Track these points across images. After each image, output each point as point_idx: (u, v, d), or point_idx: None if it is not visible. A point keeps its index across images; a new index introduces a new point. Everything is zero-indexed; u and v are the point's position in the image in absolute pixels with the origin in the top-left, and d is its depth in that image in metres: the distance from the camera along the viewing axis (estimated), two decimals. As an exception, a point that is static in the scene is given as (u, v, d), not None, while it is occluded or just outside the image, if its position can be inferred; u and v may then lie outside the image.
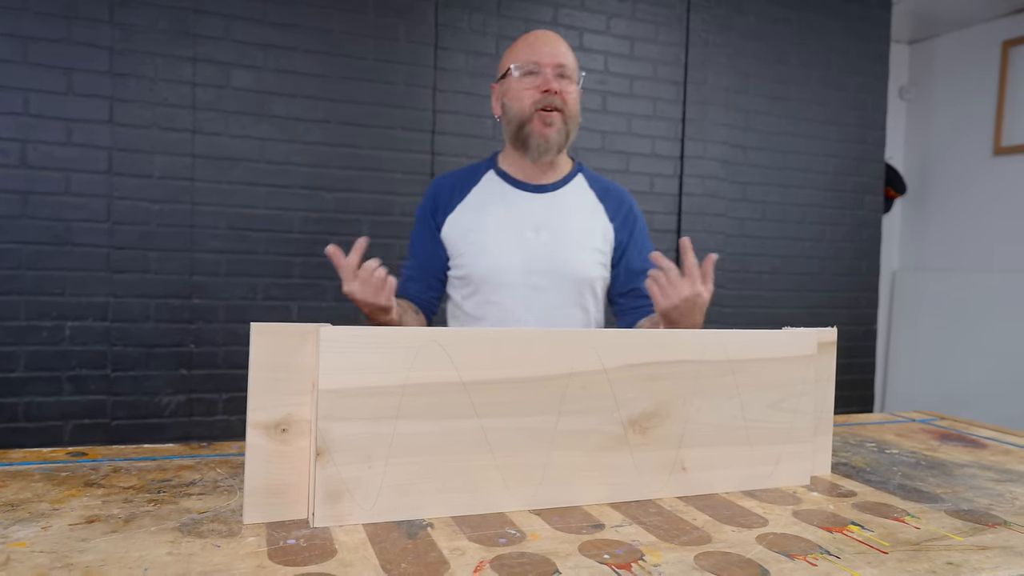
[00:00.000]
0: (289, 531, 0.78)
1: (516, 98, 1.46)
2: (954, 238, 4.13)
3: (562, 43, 1.50)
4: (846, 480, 1.06)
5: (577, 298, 1.51)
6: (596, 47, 2.96)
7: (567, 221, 1.51)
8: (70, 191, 2.30)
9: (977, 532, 0.85)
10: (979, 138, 4.00)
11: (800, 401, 1.03)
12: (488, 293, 1.47)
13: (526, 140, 1.47)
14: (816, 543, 0.80)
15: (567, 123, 1.47)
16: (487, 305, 1.48)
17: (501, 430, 0.86)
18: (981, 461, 1.20)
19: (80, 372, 2.33)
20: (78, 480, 0.93)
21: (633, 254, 1.57)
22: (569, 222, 1.51)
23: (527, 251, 1.47)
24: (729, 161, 3.20)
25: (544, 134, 1.45)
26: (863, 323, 3.52)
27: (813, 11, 3.31)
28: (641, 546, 0.77)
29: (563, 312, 1.50)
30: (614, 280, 1.58)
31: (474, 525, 0.81)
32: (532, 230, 1.48)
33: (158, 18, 2.36)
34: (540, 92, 1.44)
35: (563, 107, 1.45)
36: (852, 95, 3.42)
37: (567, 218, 1.51)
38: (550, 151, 1.47)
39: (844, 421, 1.51)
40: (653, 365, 0.93)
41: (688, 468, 0.96)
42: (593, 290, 1.53)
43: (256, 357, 0.80)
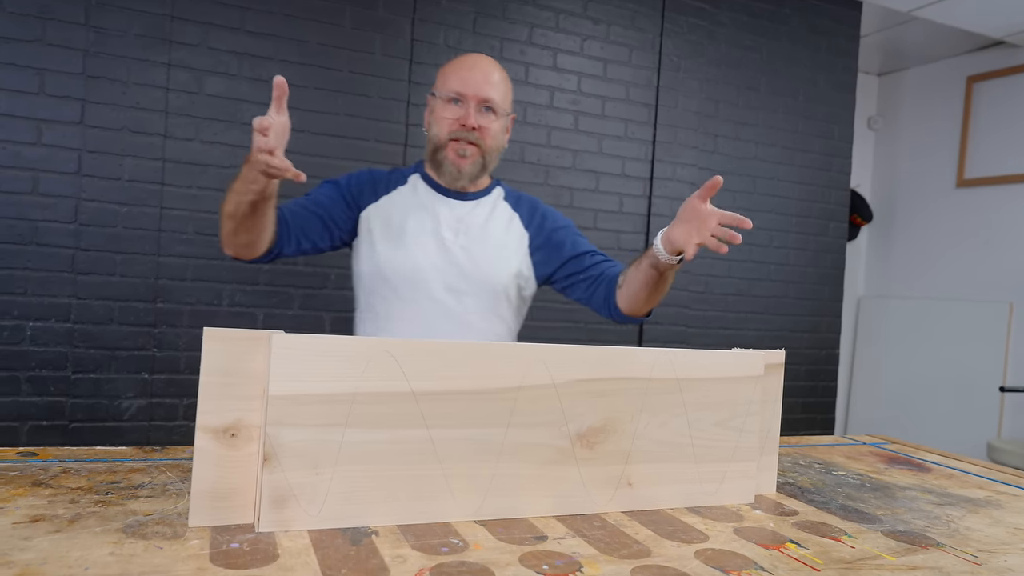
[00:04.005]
0: (233, 535, 0.78)
1: (436, 122, 1.48)
2: (917, 266, 4.23)
3: (496, 73, 1.49)
4: (790, 499, 1.09)
5: (493, 304, 1.51)
6: (570, 68, 3.00)
7: (485, 228, 1.51)
8: (38, 191, 2.28)
9: (910, 553, 0.88)
10: (943, 170, 4.11)
11: (747, 420, 1.06)
12: (405, 292, 1.46)
13: (440, 164, 1.48)
14: (752, 559, 0.82)
15: (484, 156, 1.48)
16: (404, 304, 1.46)
17: (449, 441, 0.87)
18: (924, 484, 1.23)
19: (40, 373, 2.30)
20: (26, 480, 0.93)
21: (568, 243, 1.55)
22: (486, 230, 1.51)
23: (443, 252, 1.47)
24: (698, 183, 3.25)
25: (458, 164, 1.46)
26: (825, 347, 3.58)
27: (783, 40, 3.40)
28: (581, 558, 0.79)
29: (478, 317, 1.49)
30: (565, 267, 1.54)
31: (419, 534, 0.82)
32: (450, 232, 1.48)
33: (134, 22, 2.36)
34: (459, 124, 1.44)
35: (480, 142, 1.46)
36: (819, 124, 3.50)
37: (485, 226, 1.52)
38: (462, 179, 1.48)
39: (796, 442, 1.54)
40: (602, 381, 0.95)
41: (634, 483, 0.98)
42: (508, 298, 1.53)
43: (208, 362, 0.81)
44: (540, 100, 2.96)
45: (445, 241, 1.48)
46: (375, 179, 1.55)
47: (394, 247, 1.46)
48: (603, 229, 3.08)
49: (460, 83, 1.45)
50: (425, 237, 1.47)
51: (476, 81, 1.45)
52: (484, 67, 1.48)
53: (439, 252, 1.47)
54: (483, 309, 1.50)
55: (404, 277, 1.45)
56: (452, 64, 1.50)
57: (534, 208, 1.60)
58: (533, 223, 1.57)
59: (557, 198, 2.98)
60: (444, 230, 1.49)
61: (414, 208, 1.50)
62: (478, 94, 1.44)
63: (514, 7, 2.90)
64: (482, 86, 1.45)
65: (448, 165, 1.47)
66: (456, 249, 1.48)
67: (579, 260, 1.54)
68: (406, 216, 1.49)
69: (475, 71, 1.46)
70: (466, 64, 1.48)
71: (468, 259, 1.48)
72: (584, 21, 3.02)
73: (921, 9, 3.34)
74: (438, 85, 1.49)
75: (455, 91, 1.45)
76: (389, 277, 1.46)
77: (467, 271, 1.47)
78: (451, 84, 1.46)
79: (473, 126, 1.44)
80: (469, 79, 1.45)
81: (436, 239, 1.48)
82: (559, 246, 1.55)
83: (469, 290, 1.47)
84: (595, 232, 3.06)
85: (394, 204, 1.51)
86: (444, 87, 1.47)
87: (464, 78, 1.45)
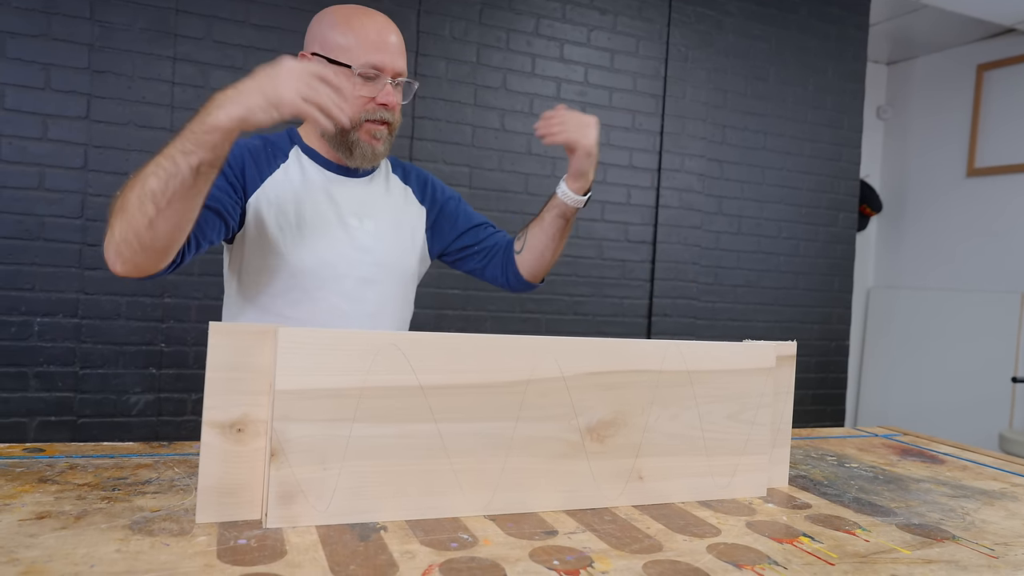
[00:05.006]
0: (241, 531, 0.78)
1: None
2: (927, 257, 4.20)
3: (400, 40, 1.31)
4: (803, 492, 1.08)
5: (403, 290, 1.42)
6: (577, 59, 2.98)
7: (386, 209, 1.40)
8: (44, 186, 2.28)
9: (925, 546, 0.86)
10: (953, 159, 4.08)
11: (758, 413, 1.04)
12: (311, 289, 1.30)
13: (351, 147, 1.30)
14: (765, 553, 0.81)
15: (392, 133, 1.34)
16: (308, 303, 1.30)
17: (458, 435, 0.86)
18: (938, 476, 1.22)
19: (48, 368, 2.30)
20: (32, 476, 0.93)
21: (461, 217, 1.50)
22: (388, 209, 1.40)
23: (353, 242, 1.33)
24: (706, 175, 3.23)
25: (373, 145, 1.30)
26: (835, 338, 3.56)
27: (792, 30, 3.36)
28: (592, 553, 0.78)
29: (391, 305, 1.40)
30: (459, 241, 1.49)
31: (428, 529, 0.82)
32: (355, 218, 1.34)
33: (139, 16, 2.36)
34: (377, 104, 1.27)
35: (392, 119, 1.31)
36: (828, 113, 3.47)
37: (385, 205, 1.40)
38: (375, 161, 1.33)
39: (807, 434, 1.53)
40: (612, 374, 0.94)
41: (645, 477, 0.97)
42: (414, 280, 1.47)
43: (214, 357, 0.80)
44: (547, 91, 2.94)
45: (352, 228, 1.33)
46: (254, 155, 1.31)
47: (294, 240, 1.29)
48: (611, 221, 3.06)
49: (380, 55, 1.25)
50: (329, 227, 1.31)
51: (391, 52, 1.27)
52: (393, 30, 1.29)
53: (348, 242, 1.33)
54: (395, 296, 1.40)
55: (309, 273, 1.29)
56: (358, 24, 1.27)
57: (424, 180, 1.49)
58: (427, 197, 1.48)
59: (564, 190, 2.97)
60: (348, 216, 1.34)
61: (307, 191, 1.32)
62: (395, 67, 1.27)
63: (520, -2, 2.88)
64: (397, 58, 1.27)
65: (362, 147, 1.29)
66: (365, 236, 1.34)
67: (474, 232, 1.49)
68: (300, 202, 1.31)
69: (386, 38, 1.27)
70: (377, 28, 1.27)
71: (379, 245, 1.36)
72: (591, 11, 2.99)
73: (932, -4, 3.30)
74: (340, 52, 1.25)
75: (373, 66, 1.25)
76: (292, 273, 1.29)
77: (380, 258, 1.36)
78: (366, 57, 1.24)
79: (393, 105, 1.29)
80: (387, 50, 1.26)
81: (342, 227, 1.33)
82: (453, 218, 1.48)
83: (382, 278, 1.37)
84: (603, 224, 3.04)
85: (282, 187, 1.30)
86: (356, 60, 1.24)
87: (383, 50, 1.26)
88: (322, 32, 1.28)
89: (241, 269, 1.32)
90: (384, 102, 1.27)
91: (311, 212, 1.31)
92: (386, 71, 1.26)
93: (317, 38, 1.29)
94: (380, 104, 1.27)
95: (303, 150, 1.36)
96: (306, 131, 1.38)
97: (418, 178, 1.49)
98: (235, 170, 1.26)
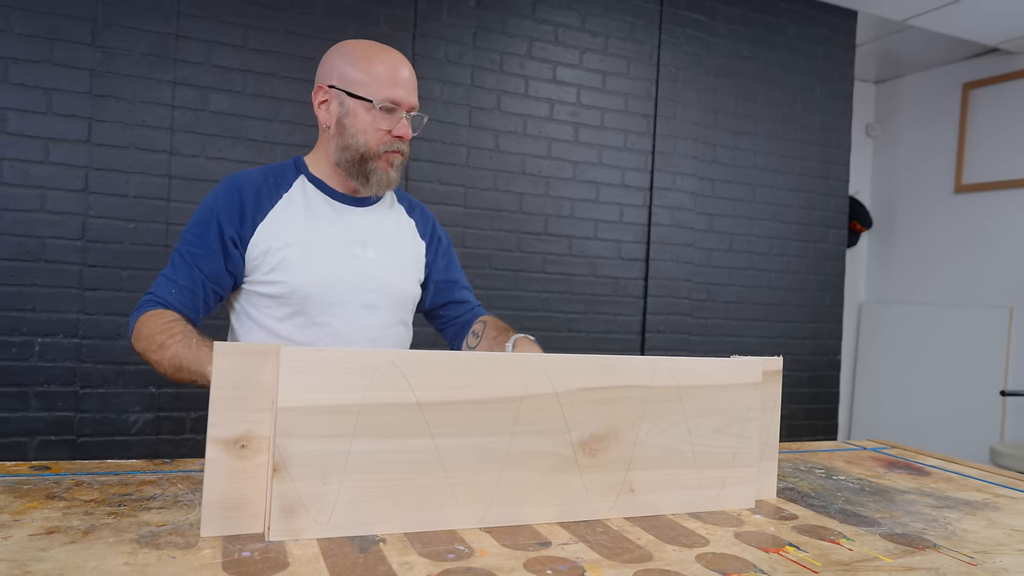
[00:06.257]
0: (244, 544, 0.80)
1: (365, 131, 1.35)
2: (917, 272, 4.25)
3: (413, 73, 1.39)
4: (790, 504, 1.10)
5: (402, 315, 1.48)
6: (569, 80, 3.04)
7: (389, 238, 1.46)
8: (45, 208, 2.31)
9: (907, 554, 0.89)
10: (941, 176, 4.14)
11: (745, 427, 1.08)
12: (314, 315, 1.35)
13: (368, 175, 1.37)
14: (752, 562, 0.84)
15: (404, 160, 1.42)
16: (312, 327, 1.36)
17: (455, 449, 0.89)
18: (923, 488, 1.25)
19: (48, 388, 2.32)
20: (40, 493, 0.95)
21: (442, 266, 1.57)
22: (391, 239, 1.47)
23: (357, 269, 1.39)
24: (697, 193, 3.28)
25: (388, 173, 1.38)
26: (827, 353, 3.59)
27: (780, 50, 3.43)
28: (584, 563, 0.81)
29: (391, 331, 1.45)
30: (431, 295, 1.57)
31: (425, 541, 0.84)
32: (359, 246, 1.41)
33: (139, 42, 2.40)
34: (393, 136, 1.35)
35: (406, 150, 1.40)
36: (817, 132, 3.53)
37: (389, 234, 1.47)
38: (389, 187, 1.41)
39: (797, 448, 1.56)
40: (603, 389, 0.97)
41: (636, 490, 1.00)
42: (413, 305, 1.53)
43: (218, 375, 0.83)
44: (540, 112, 2.99)
45: (356, 256, 1.40)
46: (253, 189, 1.36)
47: (299, 267, 1.34)
48: (604, 239, 3.10)
49: (396, 90, 1.34)
50: (334, 254, 1.37)
51: (408, 88, 1.36)
52: (406, 66, 1.37)
53: (351, 269, 1.38)
54: (394, 321, 1.46)
55: (314, 298, 1.34)
56: (375, 60, 1.35)
57: (427, 217, 1.58)
58: (427, 233, 1.55)
59: (558, 209, 3.01)
60: (352, 244, 1.40)
61: (312, 219, 1.38)
62: (410, 102, 1.36)
63: (513, 21, 2.93)
64: (412, 93, 1.36)
65: (380, 174, 1.37)
66: (368, 264, 1.40)
67: (449, 289, 1.59)
68: (305, 231, 1.36)
69: (405, 74, 1.36)
70: (395, 65, 1.35)
71: (382, 272, 1.42)
72: (583, 34, 3.05)
73: (916, 18, 3.37)
74: (360, 87, 1.34)
75: (391, 100, 1.33)
76: (296, 299, 1.34)
77: (382, 285, 1.42)
78: (385, 91, 1.33)
79: (409, 137, 1.38)
80: (403, 85, 1.35)
81: (347, 255, 1.39)
82: (441, 265, 1.57)
83: (384, 304, 1.43)
84: (596, 242, 3.08)
85: (285, 217, 1.37)
86: (377, 93, 1.33)
87: (399, 85, 1.34)
88: (340, 66, 1.36)
89: (248, 294, 1.38)
90: (400, 135, 1.35)
91: (315, 240, 1.36)
92: (402, 105, 1.35)
93: (335, 72, 1.36)
94: (396, 136, 1.35)
95: (309, 179, 1.42)
96: (313, 160, 1.44)
97: (422, 214, 1.57)
98: (228, 229, 1.33)
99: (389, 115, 1.34)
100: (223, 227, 1.32)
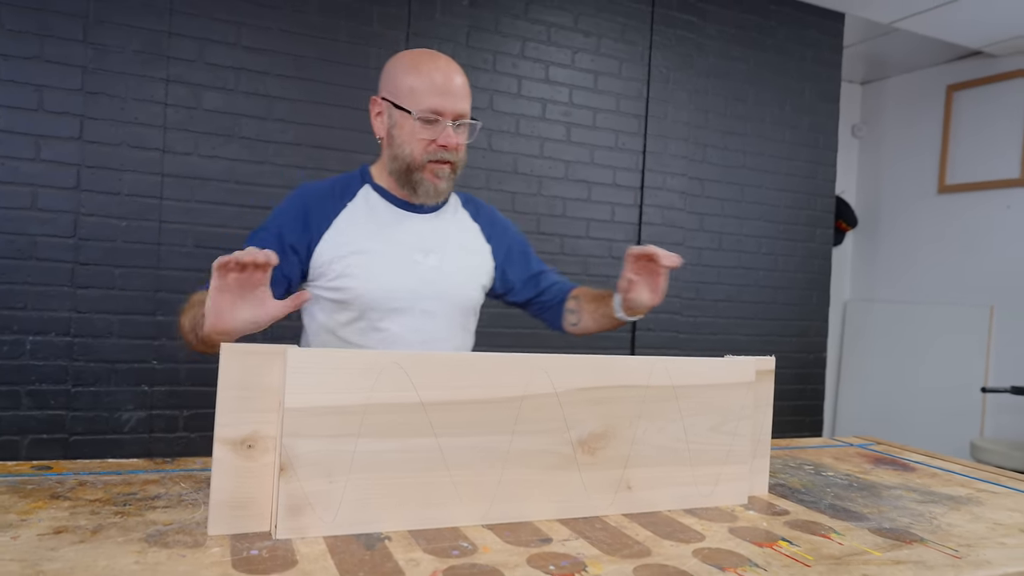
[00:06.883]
0: (252, 542, 0.82)
1: (409, 141, 1.36)
2: (902, 270, 4.31)
3: (460, 77, 1.37)
4: (781, 500, 1.13)
5: (463, 321, 1.49)
6: (561, 80, 3.06)
7: (451, 244, 1.47)
8: (36, 206, 2.31)
9: (895, 548, 0.92)
10: (925, 176, 4.19)
11: (739, 425, 1.10)
12: (375, 320, 1.39)
13: (415, 185, 1.39)
14: (747, 557, 0.86)
15: (455, 171, 1.41)
16: (373, 332, 1.39)
17: (457, 449, 0.91)
18: (908, 483, 1.28)
19: (40, 387, 2.32)
20: (44, 493, 0.96)
21: (520, 265, 1.58)
22: (453, 245, 1.47)
23: (418, 276, 1.41)
24: (687, 193, 3.31)
25: (435, 184, 1.38)
26: (813, 351, 3.64)
27: (769, 52, 3.47)
28: (585, 559, 0.83)
29: (450, 336, 1.47)
30: (519, 292, 1.59)
31: (430, 538, 0.86)
32: (420, 253, 1.42)
33: (132, 39, 2.39)
34: (437, 146, 1.35)
35: (454, 158, 1.38)
36: (805, 132, 3.57)
37: (451, 241, 1.47)
38: (438, 198, 1.42)
39: (786, 444, 1.59)
40: (602, 389, 1.00)
41: (633, 487, 1.02)
42: (475, 311, 1.54)
43: (225, 376, 0.84)
44: (533, 112, 3.00)
45: (417, 263, 1.41)
46: (319, 199, 1.42)
47: (361, 274, 1.37)
48: (595, 238, 3.13)
49: (439, 101, 1.33)
50: (395, 262, 1.40)
51: (452, 96, 1.34)
52: (453, 74, 1.36)
53: (412, 276, 1.40)
54: (454, 327, 1.47)
55: (375, 305, 1.38)
56: (417, 70, 1.35)
57: (493, 219, 1.57)
58: (494, 236, 1.56)
59: (550, 208, 3.03)
60: (413, 251, 1.42)
61: (376, 228, 1.41)
62: (455, 110, 1.35)
63: (507, 21, 2.95)
64: (458, 101, 1.35)
65: (426, 185, 1.39)
66: (428, 271, 1.42)
67: (535, 282, 1.59)
68: (369, 239, 1.40)
69: (448, 82, 1.34)
70: (436, 73, 1.34)
71: (442, 279, 1.44)
72: (575, 34, 3.07)
73: (902, 21, 3.41)
74: (403, 98, 1.35)
75: (433, 110, 1.33)
76: (358, 305, 1.38)
77: (442, 292, 1.43)
78: (427, 101, 1.33)
79: (454, 146, 1.36)
80: (447, 96, 1.34)
81: (408, 262, 1.41)
82: (516, 265, 1.58)
83: (442, 311, 1.44)
84: (587, 241, 3.11)
85: (349, 224, 1.40)
86: (418, 104, 1.33)
87: (443, 94, 1.33)
88: (392, 76, 1.39)
89: (317, 299, 1.42)
90: (444, 144, 1.35)
91: (377, 248, 1.39)
92: (446, 114, 1.34)
93: (388, 82, 1.39)
94: (440, 146, 1.35)
95: (373, 187, 1.45)
96: (377, 169, 1.47)
97: (488, 217, 1.57)
98: (296, 224, 1.38)
99: (431, 125, 1.35)
100: (283, 233, 1.37)
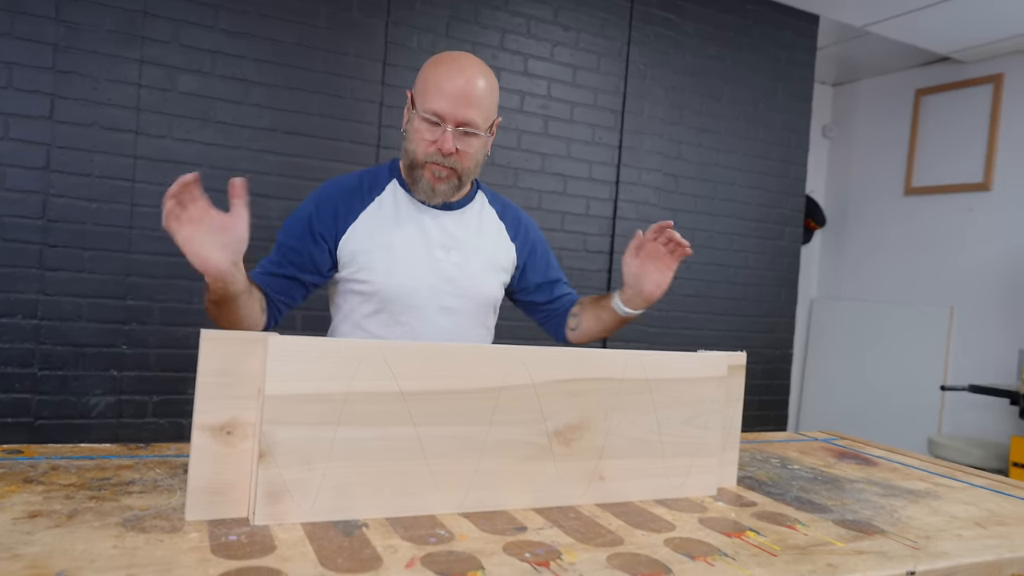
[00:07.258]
0: (230, 528, 0.82)
1: (415, 138, 1.36)
2: (867, 270, 4.40)
3: (480, 82, 1.34)
4: (749, 492, 1.16)
5: (482, 318, 1.51)
6: (540, 73, 3.07)
7: (474, 242, 1.48)
8: (4, 186, 2.26)
9: (857, 539, 0.96)
10: (892, 178, 4.29)
11: (710, 418, 1.13)
12: (396, 313, 1.41)
13: (416, 181, 1.39)
14: (716, 546, 0.89)
15: (461, 177, 1.40)
16: (395, 325, 1.41)
17: (435, 438, 0.92)
18: (871, 477, 1.32)
19: (5, 369, 2.27)
20: (16, 477, 0.95)
21: (541, 268, 1.60)
22: (476, 243, 1.48)
23: (438, 272, 1.42)
24: (662, 188, 3.35)
25: (433, 184, 1.38)
26: (780, 347, 3.71)
27: (745, 51, 3.51)
28: (560, 547, 0.85)
29: (470, 331, 1.48)
30: (532, 294, 1.61)
31: (407, 526, 0.87)
32: (442, 250, 1.43)
33: (105, 18, 2.35)
34: (436, 148, 1.34)
35: (457, 165, 1.36)
36: (779, 132, 3.63)
37: (474, 239, 1.48)
38: (436, 198, 1.41)
39: (753, 438, 1.63)
40: (578, 381, 1.01)
41: (606, 478, 1.04)
42: (495, 308, 1.56)
43: (204, 362, 0.84)
44: (511, 104, 3.01)
45: (438, 260, 1.42)
46: (347, 193, 1.43)
47: (383, 268, 1.39)
48: (570, 231, 3.15)
49: (442, 103, 1.31)
50: (417, 257, 1.41)
51: (457, 102, 1.31)
52: (467, 79, 1.32)
53: (433, 272, 1.42)
54: (473, 324, 1.49)
55: (396, 299, 1.40)
56: (434, 70, 1.35)
57: (518, 220, 1.58)
58: (519, 237, 1.56)
59: (526, 200, 3.04)
60: (435, 248, 1.43)
61: (399, 223, 1.42)
62: (457, 117, 1.32)
63: (487, 12, 2.95)
64: (462, 108, 1.31)
65: (424, 183, 1.38)
66: (450, 267, 1.43)
67: (548, 290, 1.61)
68: (392, 234, 1.41)
69: (457, 87, 1.31)
70: (449, 76, 1.32)
71: (463, 276, 1.44)
72: (555, 28, 3.08)
73: (874, 25, 3.48)
74: (418, 95, 1.36)
75: (434, 112, 1.32)
76: (380, 298, 1.40)
77: (462, 289, 1.44)
78: (431, 102, 1.32)
79: (452, 152, 1.34)
80: (451, 99, 1.31)
81: (429, 258, 1.42)
82: (536, 266, 1.59)
83: (462, 307, 1.45)
84: (562, 234, 3.12)
85: (375, 219, 1.42)
86: (423, 103, 1.33)
87: (447, 98, 1.31)
88: (421, 72, 1.39)
89: (341, 290, 1.45)
90: (440, 148, 1.34)
91: (400, 242, 1.41)
92: (446, 119, 1.32)
93: (418, 77, 1.40)
94: (439, 149, 1.34)
95: (399, 183, 1.46)
96: (403, 165, 1.46)
97: (514, 216, 1.58)
98: (321, 226, 1.40)
99: (434, 127, 1.34)
100: (312, 220, 1.40)
